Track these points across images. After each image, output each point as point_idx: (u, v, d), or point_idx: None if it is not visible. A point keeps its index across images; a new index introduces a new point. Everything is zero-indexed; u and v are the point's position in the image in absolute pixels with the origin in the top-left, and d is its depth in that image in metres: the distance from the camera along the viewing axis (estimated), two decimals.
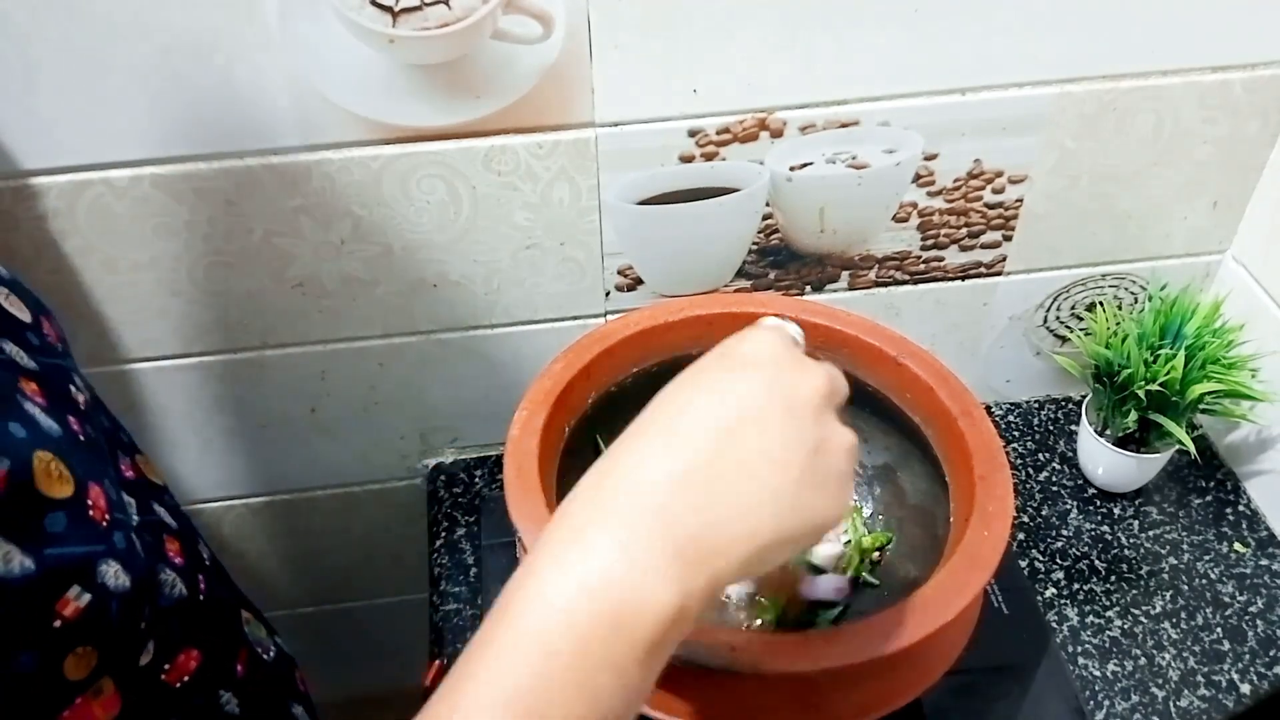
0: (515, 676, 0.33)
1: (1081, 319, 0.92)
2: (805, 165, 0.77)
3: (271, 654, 0.68)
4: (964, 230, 0.84)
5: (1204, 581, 0.82)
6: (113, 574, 0.45)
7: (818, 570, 0.69)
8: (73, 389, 0.51)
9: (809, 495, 0.38)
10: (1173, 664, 0.77)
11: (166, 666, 0.53)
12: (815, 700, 0.53)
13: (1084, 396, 0.91)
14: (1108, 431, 0.85)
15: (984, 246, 0.85)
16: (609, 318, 0.85)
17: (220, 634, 0.61)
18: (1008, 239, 0.85)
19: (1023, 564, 0.84)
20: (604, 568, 0.35)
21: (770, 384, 0.39)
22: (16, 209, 0.71)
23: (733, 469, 0.37)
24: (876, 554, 0.71)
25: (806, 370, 0.41)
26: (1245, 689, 0.75)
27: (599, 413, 0.67)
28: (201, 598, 0.59)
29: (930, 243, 0.84)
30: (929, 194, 0.81)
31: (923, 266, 0.86)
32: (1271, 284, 0.84)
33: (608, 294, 0.84)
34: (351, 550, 1.03)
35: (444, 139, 0.72)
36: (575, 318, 0.85)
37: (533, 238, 0.79)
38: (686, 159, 0.76)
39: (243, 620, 0.66)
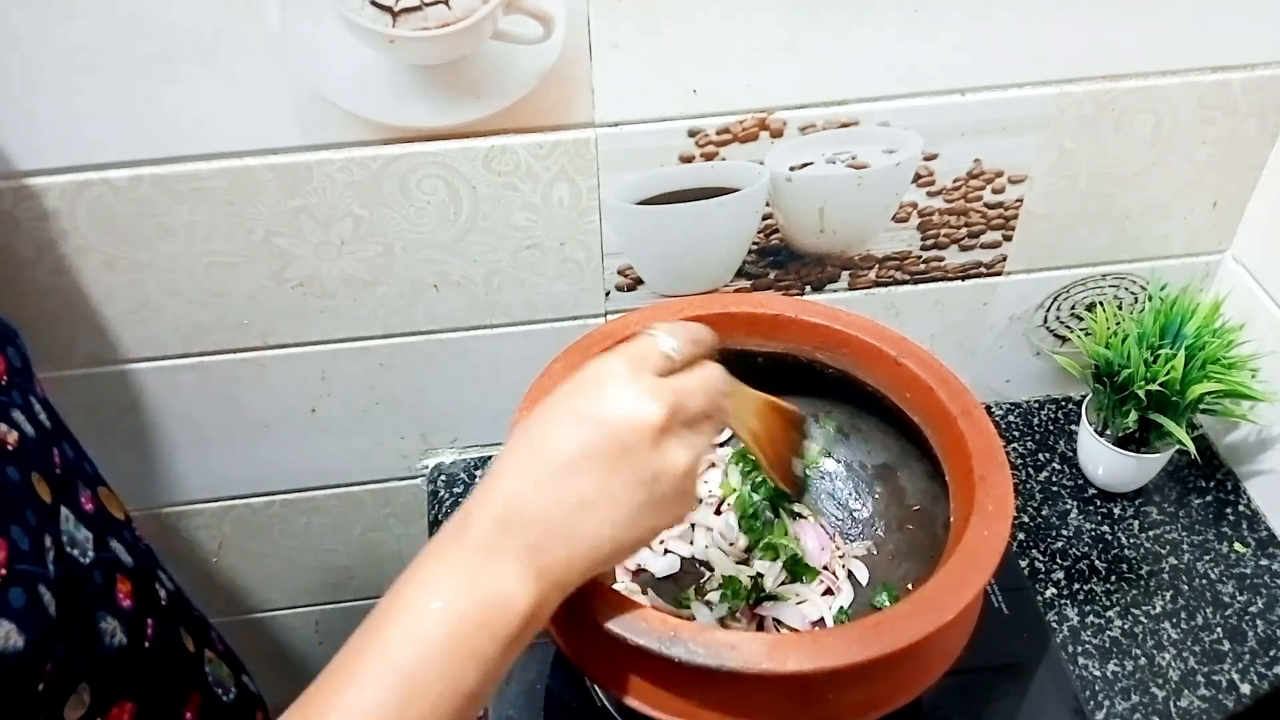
0: (400, 659, 0.41)
1: (1081, 319, 0.92)
2: (805, 165, 0.77)
3: (232, 695, 0.66)
4: (964, 230, 0.84)
5: (1204, 581, 0.82)
6: (2, 635, 0.44)
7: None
8: (4, 427, 0.50)
9: (646, 517, 0.45)
10: (1173, 664, 0.77)
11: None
12: (815, 700, 0.53)
13: (1084, 396, 0.91)
14: (1108, 431, 0.85)
15: (984, 246, 0.85)
16: (609, 318, 0.85)
17: (167, 682, 0.59)
18: (1008, 239, 0.85)
19: (1023, 564, 0.84)
20: (470, 576, 0.43)
21: (607, 425, 0.44)
22: (16, 209, 0.71)
23: (574, 502, 0.44)
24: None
25: (645, 401, 0.45)
26: (1245, 689, 0.75)
27: None
28: (147, 644, 0.57)
29: (930, 243, 0.84)
30: (929, 194, 0.81)
31: (923, 266, 0.86)
32: (1271, 284, 0.84)
33: (608, 294, 0.84)
34: (351, 550, 1.03)
35: (444, 139, 0.72)
36: (575, 318, 0.85)
37: (533, 238, 0.79)
38: (686, 159, 0.76)
39: (204, 660, 0.64)
